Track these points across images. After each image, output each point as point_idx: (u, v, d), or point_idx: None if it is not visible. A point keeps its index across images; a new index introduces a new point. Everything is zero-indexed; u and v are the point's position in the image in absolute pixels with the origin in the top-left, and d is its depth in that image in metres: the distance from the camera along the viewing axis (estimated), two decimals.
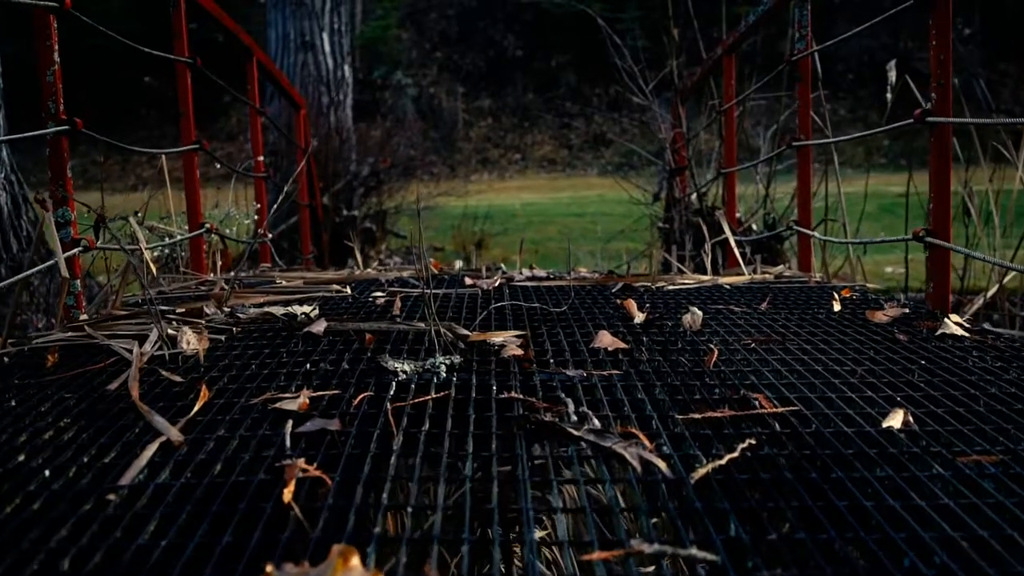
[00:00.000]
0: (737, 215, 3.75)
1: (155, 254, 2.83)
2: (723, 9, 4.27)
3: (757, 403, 1.27)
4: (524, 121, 19.94)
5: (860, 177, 3.68)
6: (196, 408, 1.28)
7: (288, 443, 1.13)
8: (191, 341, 1.63)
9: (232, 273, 2.69)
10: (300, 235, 4.96)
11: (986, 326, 1.78)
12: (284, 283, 2.54)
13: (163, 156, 2.97)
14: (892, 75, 3.87)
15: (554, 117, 19.20)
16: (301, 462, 1.05)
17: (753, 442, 1.12)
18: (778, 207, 4.43)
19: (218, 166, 3.69)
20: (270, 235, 3.53)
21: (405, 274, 2.62)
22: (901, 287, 4.84)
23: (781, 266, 2.75)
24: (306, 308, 1.91)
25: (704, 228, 3.15)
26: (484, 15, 21.53)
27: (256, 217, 3.52)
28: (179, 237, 2.85)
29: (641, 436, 1.14)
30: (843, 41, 2.84)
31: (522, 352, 1.53)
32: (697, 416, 1.21)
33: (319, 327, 1.70)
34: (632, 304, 1.86)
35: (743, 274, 2.65)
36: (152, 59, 2.85)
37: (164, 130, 20.45)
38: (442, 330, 1.58)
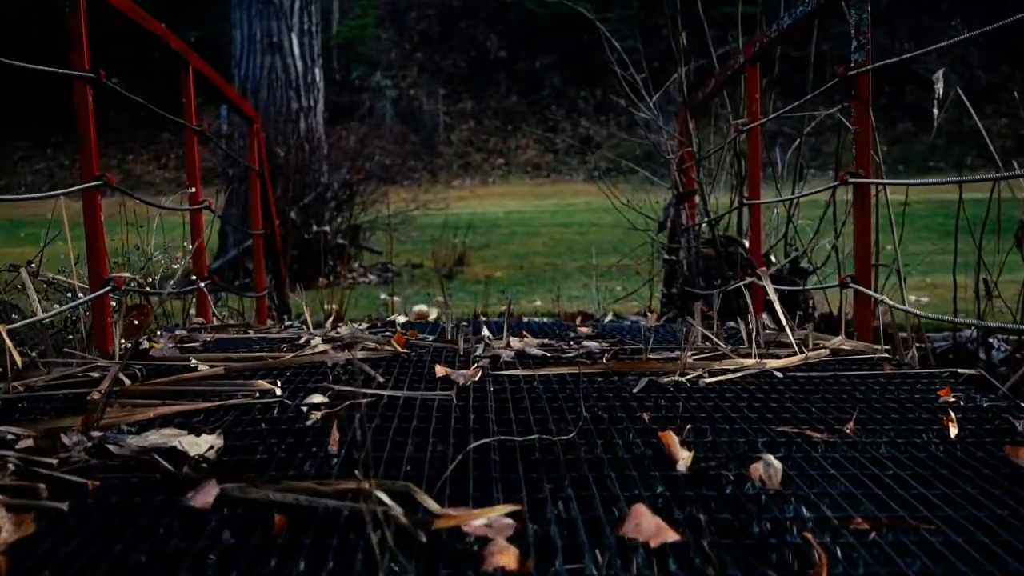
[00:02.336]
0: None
1: (45, 321, 2.25)
2: (739, 9, 3.72)
3: None
4: (507, 124, 19.35)
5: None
6: None
7: None
8: (2, 528, 1.05)
9: (136, 346, 2.11)
10: (254, 266, 4.37)
11: None
12: (204, 367, 1.96)
13: (62, 198, 2.39)
14: (940, 87, 3.32)
15: (537, 123, 18.65)
16: None
17: None
18: (801, 235, 3.87)
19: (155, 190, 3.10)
20: (204, 284, 2.93)
21: (360, 355, 2.05)
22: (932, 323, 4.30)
23: (839, 338, 2.20)
24: (204, 441, 1.33)
25: (742, 279, 2.59)
26: (466, 15, 20.97)
27: (191, 260, 2.93)
28: (81, 298, 2.28)
29: None
30: (837, 43, 2.35)
31: (516, 561, 0.96)
32: None
33: (207, 496, 1.13)
34: (672, 440, 1.29)
35: (790, 345, 2.10)
36: (116, 58, 2.30)
37: (135, 133, 19.78)
38: (390, 515, 1.01)
